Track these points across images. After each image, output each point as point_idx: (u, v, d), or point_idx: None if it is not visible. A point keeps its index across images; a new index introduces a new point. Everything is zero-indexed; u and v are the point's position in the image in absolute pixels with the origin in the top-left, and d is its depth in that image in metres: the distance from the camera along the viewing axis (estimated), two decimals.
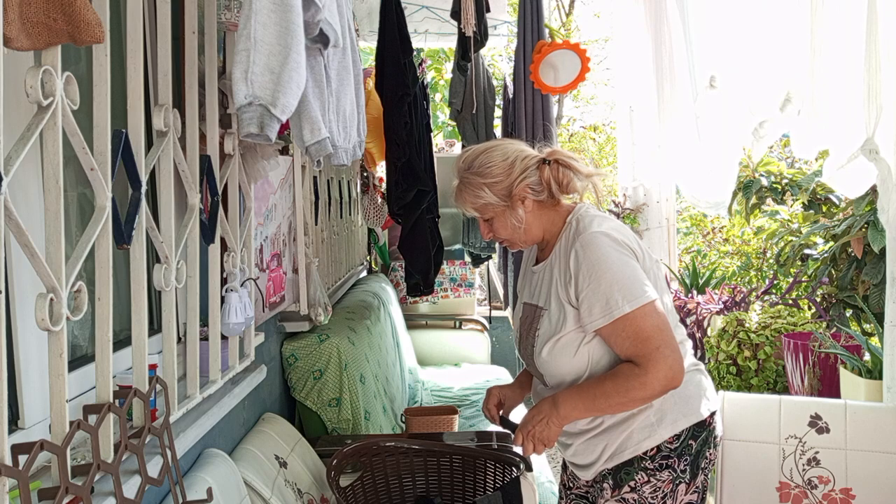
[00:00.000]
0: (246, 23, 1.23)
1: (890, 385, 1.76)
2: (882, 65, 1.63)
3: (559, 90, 3.05)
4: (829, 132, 1.94)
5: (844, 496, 1.71)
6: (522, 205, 1.66)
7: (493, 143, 1.74)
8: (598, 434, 1.68)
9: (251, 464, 1.87)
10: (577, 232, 1.63)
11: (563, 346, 1.63)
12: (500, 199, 1.66)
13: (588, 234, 1.61)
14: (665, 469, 1.63)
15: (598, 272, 1.56)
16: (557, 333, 1.63)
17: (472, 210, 1.70)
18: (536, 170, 1.67)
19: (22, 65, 1.18)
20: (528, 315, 1.75)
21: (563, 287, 1.63)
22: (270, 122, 1.26)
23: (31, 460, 0.91)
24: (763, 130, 2.31)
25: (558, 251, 1.67)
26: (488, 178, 1.65)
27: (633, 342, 1.55)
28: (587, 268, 1.58)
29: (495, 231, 1.72)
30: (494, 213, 1.68)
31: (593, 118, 9.24)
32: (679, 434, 1.64)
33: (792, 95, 2.14)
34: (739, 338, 2.39)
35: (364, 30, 4.02)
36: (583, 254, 1.59)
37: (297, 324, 2.72)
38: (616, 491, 1.66)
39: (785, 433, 1.79)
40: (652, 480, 1.63)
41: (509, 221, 1.68)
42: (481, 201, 1.67)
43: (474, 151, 1.71)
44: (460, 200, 1.71)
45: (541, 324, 1.68)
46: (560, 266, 1.65)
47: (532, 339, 1.70)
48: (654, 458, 1.64)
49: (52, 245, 1.01)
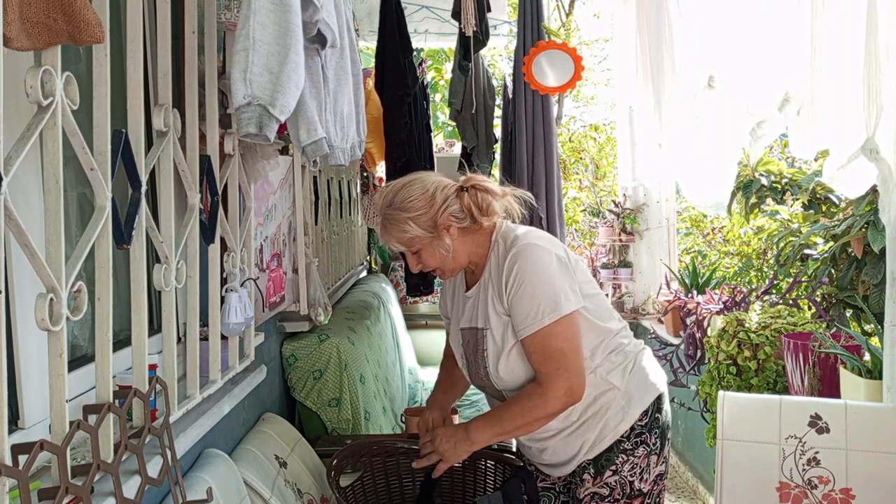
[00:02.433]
0: (245, 23, 1.23)
1: (890, 385, 1.76)
2: (882, 65, 1.63)
3: (554, 90, 3.05)
4: (828, 132, 1.94)
5: (844, 496, 1.71)
6: (448, 233, 1.70)
7: (410, 177, 1.76)
8: (574, 430, 1.74)
9: (251, 464, 1.87)
10: (506, 248, 1.69)
11: (516, 359, 1.69)
12: (425, 231, 1.68)
13: (518, 246, 1.67)
14: (640, 445, 1.74)
15: (525, 283, 1.63)
16: (506, 348, 1.69)
17: (398, 245, 1.72)
18: (456, 198, 1.71)
19: (22, 65, 1.18)
20: (470, 339, 1.79)
21: (499, 301, 1.69)
22: (269, 122, 1.26)
23: (31, 460, 0.91)
24: (761, 130, 2.31)
25: (490, 270, 1.73)
26: (412, 212, 1.68)
27: (539, 358, 1.64)
28: (518, 278, 1.64)
29: (424, 262, 1.73)
30: (422, 244, 1.70)
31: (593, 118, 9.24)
32: (646, 410, 1.74)
33: (791, 95, 2.13)
34: (739, 338, 2.39)
35: (364, 30, 4.02)
36: (514, 265, 1.65)
37: (297, 324, 2.72)
38: (598, 478, 1.74)
39: (785, 433, 1.78)
40: (631, 459, 1.73)
41: (437, 251, 1.70)
42: (407, 235, 1.69)
43: (393, 188, 1.73)
44: (386, 237, 1.72)
45: (486, 344, 1.72)
46: (494, 283, 1.70)
47: (483, 361, 1.74)
48: (629, 438, 1.73)
49: (52, 245, 1.01)
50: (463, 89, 3.69)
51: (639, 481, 1.74)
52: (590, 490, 1.76)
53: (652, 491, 1.77)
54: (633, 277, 4.32)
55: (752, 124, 2.31)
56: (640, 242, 4.28)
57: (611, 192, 6.51)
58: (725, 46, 2.41)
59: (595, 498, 1.76)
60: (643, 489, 1.75)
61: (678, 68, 2.76)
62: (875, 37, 1.64)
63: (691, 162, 2.78)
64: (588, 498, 1.76)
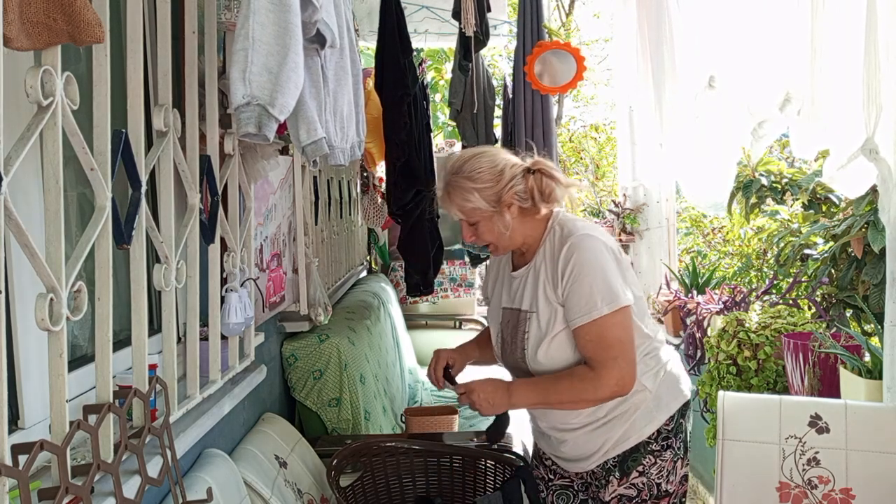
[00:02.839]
0: (244, 23, 1.23)
1: (890, 385, 1.76)
2: (882, 65, 1.63)
3: (556, 90, 3.05)
4: (828, 132, 1.94)
5: (844, 496, 1.71)
6: (509, 211, 1.70)
7: (480, 149, 1.77)
8: (599, 426, 1.74)
9: (251, 464, 1.87)
10: (564, 235, 1.70)
11: (560, 345, 1.69)
12: (488, 205, 1.69)
13: (577, 236, 1.68)
14: (667, 449, 1.76)
15: (583, 273, 1.64)
16: (550, 334, 1.69)
17: (458, 213, 1.72)
18: (522, 178, 1.71)
19: (22, 65, 1.18)
20: (511, 319, 1.79)
21: (552, 288, 1.69)
22: (268, 122, 1.26)
23: (31, 460, 0.91)
24: (762, 130, 2.31)
25: (543, 255, 1.73)
26: (478, 184, 1.68)
27: (595, 346, 1.64)
28: (575, 268, 1.65)
29: (479, 235, 1.74)
30: (481, 217, 1.71)
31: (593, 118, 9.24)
32: (672, 415, 1.77)
33: (791, 95, 2.13)
34: (739, 338, 2.39)
35: (364, 30, 4.02)
36: (572, 255, 1.66)
37: (297, 324, 2.72)
38: (624, 479, 1.75)
39: (785, 433, 1.78)
40: (658, 462, 1.75)
41: (496, 227, 1.71)
42: (470, 205, 1.69)
43: (462, 157, 1.73)
44: (447, 203, 1.73)
45: (529, 326, 1.72)
46: (547, 269, 1.71)
47: (521, 343, 1.74)
48: (657, 441, 1.75)
49: (52, 245, 1.01)
50: (463, 89, 3.69)
51: (665, 483, 1.77)
52: (616, 492, 1.76)
53: (677, 491, 1.80)
54: None
55: (753, 124, 2.31)
56: (640, 242, 4.28)
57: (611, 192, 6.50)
58: (726, 46, 2.41)
59: (623, 500, 1.76)
60: (669, 490, 1.78)
61: (679, 68, 2.76)
62: (875, 37, 1.64)
63: (691, 162, 2.78)
64: (615, 500, 1.76)
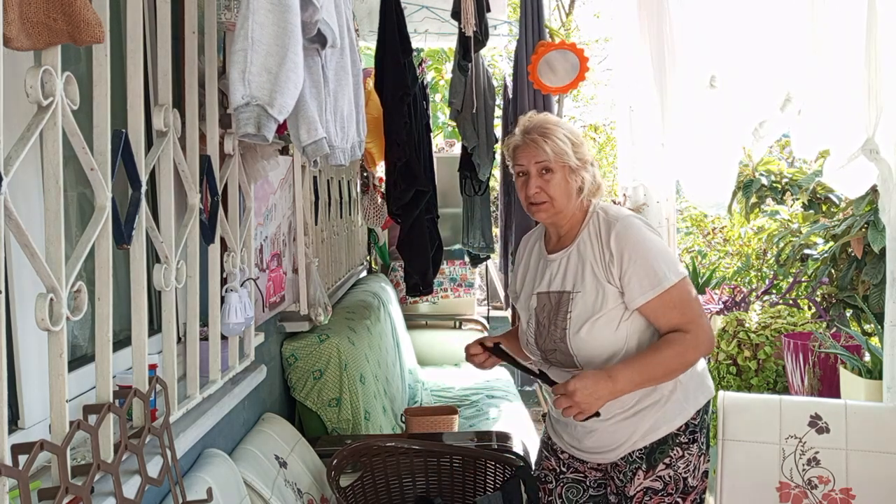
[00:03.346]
0: (243, 23, 1.23)
1: (890, 385, 1.76)
2: (882, 65, 1.63)
3: (558, 90, 3.05)
4: (829, 132, 1.94)
5: (844, 496, 1.71)
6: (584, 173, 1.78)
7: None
8: (630, 416, 1.76)
9: (251, 464, 1.87)
10: (611, 218, 1.77)
11: (605, 324, 1.73)
12: (574, 158, 1.76)
13: (625, 218, 1.76)
14: (694, 443, 1.78)
15: (643, 250, 1.70)
16: (598, 312, 1.73)
17: (549, 153, 1.75)
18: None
19: (22, 65, 1.18)
20: (548, 302, 1.81)
21: (602, 268, 1.74)
22: (268, 122, 1.26)
23: (31, 460, 0.91)
24: (763, 130, 2.31)
25: (588, 236, 1.78)
26: (573, 137, 1.78)
27: (680, 311, 1.70)
28: (632, 247, 1.71)
29: (549, 188, 1.77)
30: (561, 168, 1.76)
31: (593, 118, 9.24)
32: (699, 409, 1.79)
33: (792, 95, 2.13)
34: (739, 338, 2.39)
35: (364, 30, 4.02)
36: (625, 235, 1.72)
37: (297, 324, 2.72)
38: (651, 471, 1.76)
39: (785, 433, 1.78)
40: (685, 455, 1.77)
41: (569, 182, 1.77)
42: (564, 147, 1.75)
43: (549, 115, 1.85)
44: (540, 144, 1.75)
45: (573, 306, 1.75)
46: (595, 249, 1.76)
47: (563, 323, 1.76)
48: (685, 433, 1.77)
49: (52, 245, 1.01)
50: (463, 89, 3.68)
51: (691, 478, 1.78)
52: (642, 485, 1.77)
53: (699, 487, 1.82)
54: None
55: (754, 124, 2.31)
56: None
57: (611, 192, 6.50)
58: (727, 46, 2.41)
59: (648, 493, 1.77)
60: (694, 485, 1.79)
61: (680, 67, 2.76)
62: (875, 37, 1.64)
63: (693, 161, 2.78)
64: (641, 493, 1.77)
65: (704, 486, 1.83)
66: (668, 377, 1.72)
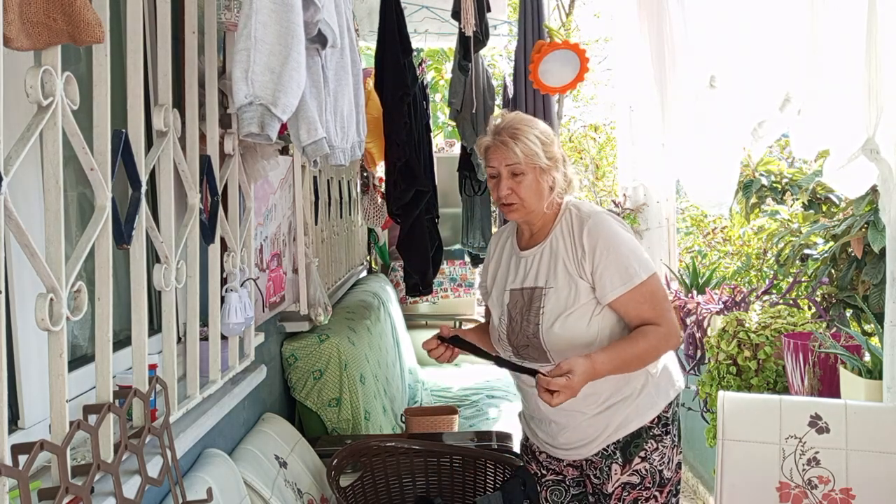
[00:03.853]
0: (246, 22, 1.23)
1: (890, 385, 1.76)
2: (882, 64, 1.63)
3: (559, 90, 3.04)
4: (829, 132, 1.94)
5: (844, 496, 1.71)
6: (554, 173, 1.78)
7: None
8: (602, 411, 1.78)
9: (251, 464, 1.87)
10: (583, 215, 1.79)
11: (578, 318, 1.75)
12: (544, 158, 1.76)
13: (597, 214, 1.78)
14: (667, 435, 1.81)
15: (614, 246, 1.73)
16: (570, 307, 1.75)
17: (519, 155, 1.75)
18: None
19: (22, 65, 1.18)
20: (520, 299, 1.83)
21: (574, 263, 1.76)
22: (271, 121, 1.26)
23: (31, 460, 0.91)
24: (762, 130, 2.31)
25: (560, 233, 1.80)
26: (543, 137, 1.77)
27: (650, 305, 1.74)
28: (604, 243, 1.73)
29: (519, 189, 1.77)
30: (532, 170, 1.76)
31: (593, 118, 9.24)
32: (670, 402, 1.83)
33: (791, 95, 2.13)
34: (739, 338, 2.39)
35: (364, 30, 4.02)
36: (597, 231, 1.74)
37: (297, 324, 2.72)
38: (627, 465, 1.78)
39: (785, 433, 1.78)
40: (660, 447, 1.79)
41: (541, 183, 1.78)
42: (533, 148, 1.75)
43: (519, 114, 1.84)
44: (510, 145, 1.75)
45: (545, 302, 1.77)
46: (568, 245, 1.78)
47: (536, 318, 1.78)
48: (658, 426, 1.80)
49: (52, 245, 1.01)
50: (463, 89, 3.68)
51: (666, 469, 1.81)
52: (620, 481, 1.78)
53: (674, 478, 1.84)
54: None
55: (753, 124, 2.31)
56: (641, 242, 4.27)
57: (611, 192, 6.50)
58: (727, 46, 2.41)
59: (626, 488, 1.78)
60: (669, 477, 1.82)
61: (680, 67, 2.76)
62: (875, 37, 1.64)
63: (694, 161, 2.78)
64: (619, 490, 1.79)
65: (679, 477, 1.86)
66: (639, 366, 1.76)
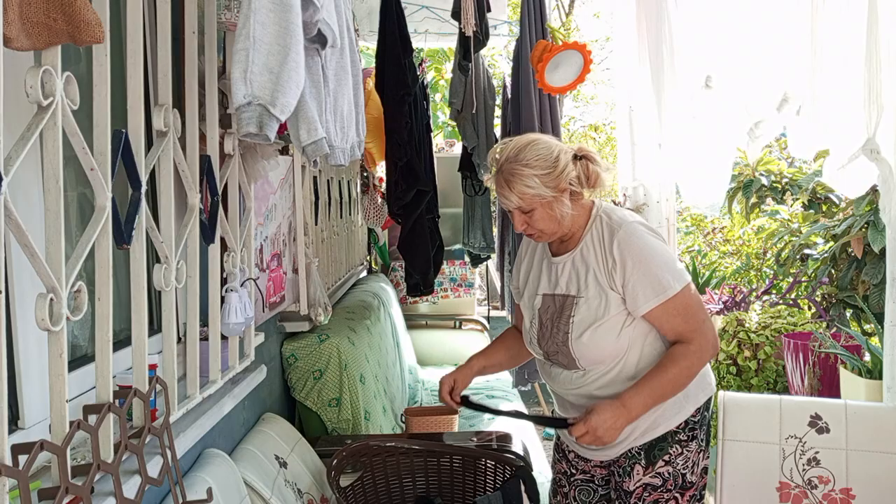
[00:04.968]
0: (245, 22, 1.23)
1: (890, 385, 1.76)
2: (882, 65, 1.63)
3: (562, 90, 3.04)
4: (828, 132, 1.94)
5: (844, 496, 1.71)
6: (565, 196, 1.71)
7: (533, 136, 1.77)
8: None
9: (251, 464, 1.87)
10: (614, 223, 1.74)
11: (607, 330, 1.71)
12: (549, 191, 1.69)
13: (628, 224, 1.73)
14: (693, 440, 1.78)
15: (646, 258, 1.68)
16: (600, 319, 1.71)
17: (517, 201, 1.71)
18: (573, 164, 1.72)
19: (22, 65, 1.18)
20: (552, 304, 1.80)
21: (604, 274, 1.72)
22: (269, 121, 1.26)
23: (31, 460, 0.91)
24: (759, 130, 2.31)
25: (591, 242, 1.76)
26: (539, 170, 1.68)
27: (684, 318, 1.69)
28: (635, 255, 1.68)
29: (533, 223, 1.74)
30: (539, 204, 1.70)
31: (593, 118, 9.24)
32: (699, 407, 1.79)
33: (789, 95, 2.14)
34: (739, 338, 2.39)
35: (364, 30, 4.02)
36: (628, 242, 1.70)
37: (297, 324, 2.72)
38: (650, 468, 1.77)
39: (785, 433, 1.78)
40: (685, 452, 1.77)
41: (554, 213, 1.71)
42: (532, 191, 1.68)
43: (516, 145, 1.73)
44: (506, 191, 1.71)
45: (575, 311, 1.74)
46: (598, 255, 1.73)
47: (566, 327, 1.76)
48: (684, 431, 1.77)
49: (52, 245, 1.01)
50: (463, 89, 3.68)
51: (690, 474, 1.78)
52: (641, 481, 1.78)
53: (698, 483, 1.81)
54: None
55: (749, 124, 2.31)
56: None
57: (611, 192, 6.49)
58: (724, 46, 2.41)
59: (647, 489, 1.77)
60: (693, 481, 1.79)
61: (677, 68, 2.76)
62: (875, 37, 1.64)
63: (689, 162, 2.79)
64: (640, 489, 1.78)
65: (703, 482, 1.83)
66: (676, 390, 1.72)
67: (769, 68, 2.18)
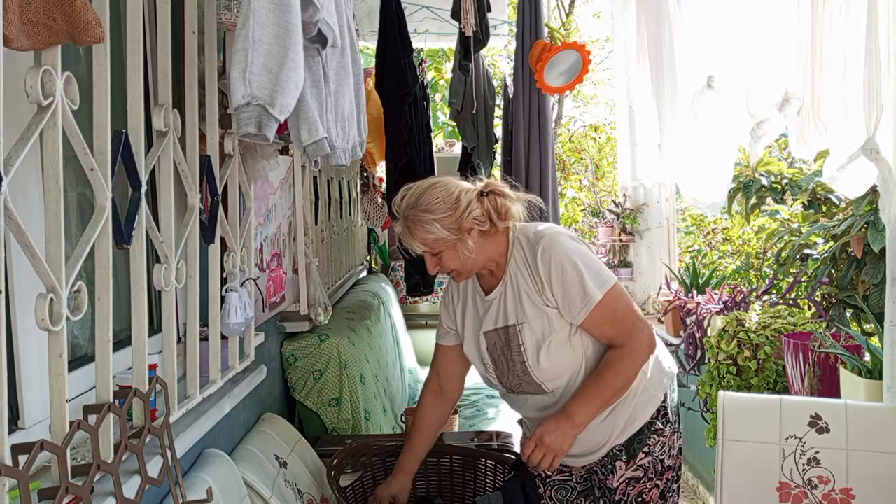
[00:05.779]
0: (244, 22, 1.23)
1: (890, 385, 1.76)
2: (882, 64, 1.63)
3: (561, 90, 3.04)
4: (829, 132, 1.94)
5: (844, 496, 1.71)
6: (470, 236, 1.72)
7: (432, 180, 1.79)
8: (604, 419, 1.77)
9: (251, 464, 1.87)
10: (532, 242, 1.74)
11: (559, 345, 1.73)
12: (450, 234, 1.70)
13: (545, 238, 1.73)
14: (667, 424, 1.82)
15: (567, 268, 1.69)
16: (548, 336, 1.73)
17: (421, 246, 1.73)
18: (478, 202, 1.73)
19: (22, 65, 1.18)
20: (497, 341, 1.80)
21: (537, 293, 1.73)
22: (268, 121, 1.26)
23: (31, 460, 0.91)
24: (761, 130, 2.31)
25: (517, 265, 1.77)
26: (437, 214, 1.70)
27: (611, 324, 1.71)
28: (556, 267, 1.70)
29: (444, 264, 1.75)
30: (445, 247, 1.72)
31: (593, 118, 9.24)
32: (665, 391, 1.83)
33: (790, 95, 2.13)
34: (739, 338, 2.39)
35: (364, 30, 4.02)
36: (547, 255, 1.71)
37: (297, 324, 2.72)
38: (631, 462, 1.79)
39: (785, 433, 1.78)
40: (661, 439, 1.80)
41: (460, 254, 1.73)
42: (433, 237, 1.70)
43: (416, 190, 1.74)
44: (409, 238, 1.74)
45: (522, 338, 1.75)
46: (526, 276, 1.75)
47: (519, 357, 1.76)
48: (659, 419, 1.81)
49: (52, 245, 1.01)
50: (463, 89, 3.68)
51: (667, 458, 1.82)
52: (624, 476, 1.80)
53: (675, 464, 1.84)
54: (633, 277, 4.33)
55: (751, 124, 2.31)
56: (640, 242, 4.28)
57: (611, 192, 6.50)
58: (725, 46, 2.41)
59: (630, 483, 1.80)
60: (670, 464, 1.82)
61: (678, 68, 2.76)
62: (875, 37, 1.64)
63: (690, 162, 2.79)
64: (623, 485, 1.80)
65: (679, 462, 1.86)
66: (622, 393, 1.74)
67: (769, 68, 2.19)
